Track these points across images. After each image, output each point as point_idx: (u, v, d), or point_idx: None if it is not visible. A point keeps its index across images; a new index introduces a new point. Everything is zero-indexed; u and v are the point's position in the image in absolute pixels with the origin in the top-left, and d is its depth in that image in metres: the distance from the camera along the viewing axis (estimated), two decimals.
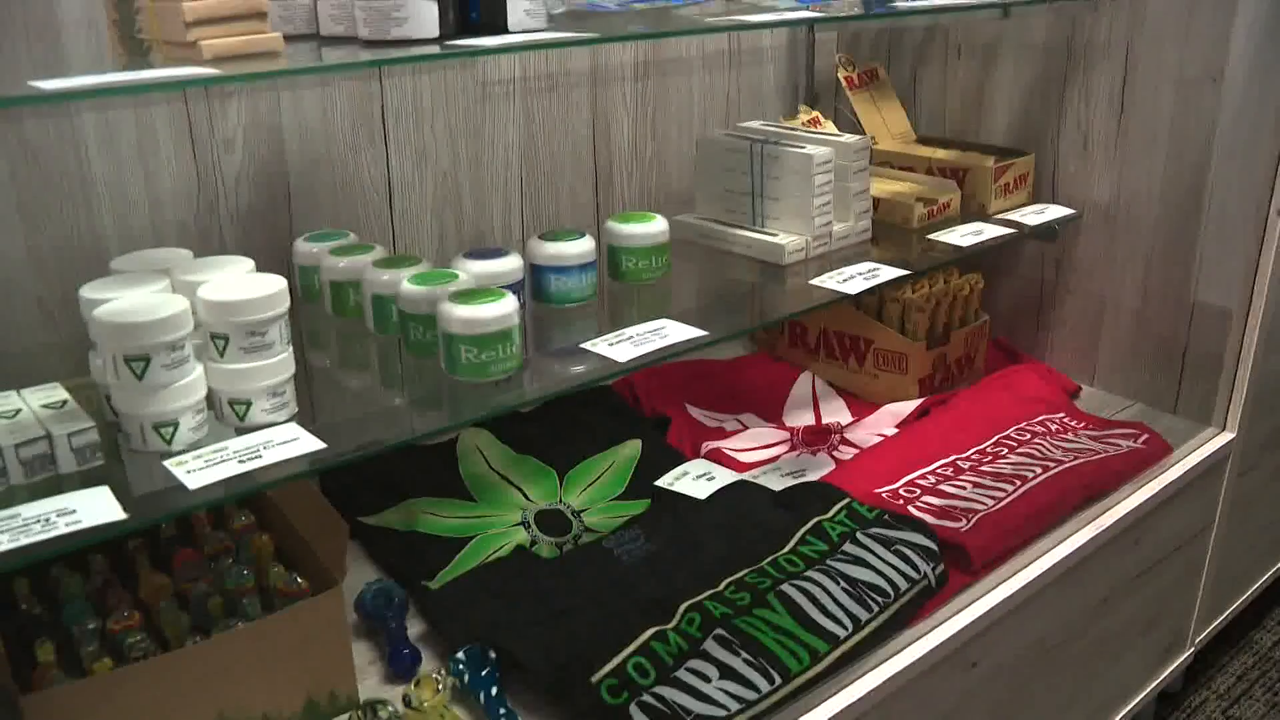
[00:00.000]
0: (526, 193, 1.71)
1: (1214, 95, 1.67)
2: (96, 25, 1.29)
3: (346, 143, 1.52)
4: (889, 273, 1.45)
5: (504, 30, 1.13)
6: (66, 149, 1.32)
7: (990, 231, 1.67)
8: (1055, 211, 1.82)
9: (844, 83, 1.92)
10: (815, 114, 1.86)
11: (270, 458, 0.99)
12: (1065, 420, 1.75)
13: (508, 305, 1.13)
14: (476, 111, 1.63)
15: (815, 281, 1.42)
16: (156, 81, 0.89)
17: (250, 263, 1.18)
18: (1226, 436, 1.80)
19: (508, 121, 1.66)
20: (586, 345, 1.20)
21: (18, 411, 1.06)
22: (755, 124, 1.70)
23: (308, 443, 1.02)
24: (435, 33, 1.10)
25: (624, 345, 1.19)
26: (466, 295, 1.14)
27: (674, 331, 1.23)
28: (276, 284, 1.08)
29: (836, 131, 1.81)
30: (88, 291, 1.09)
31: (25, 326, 1.34)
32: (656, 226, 1.39)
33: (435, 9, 1.09)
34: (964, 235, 1.64)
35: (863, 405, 1.81)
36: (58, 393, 1.12)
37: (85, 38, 1.29)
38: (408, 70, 1.55)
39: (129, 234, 1.38)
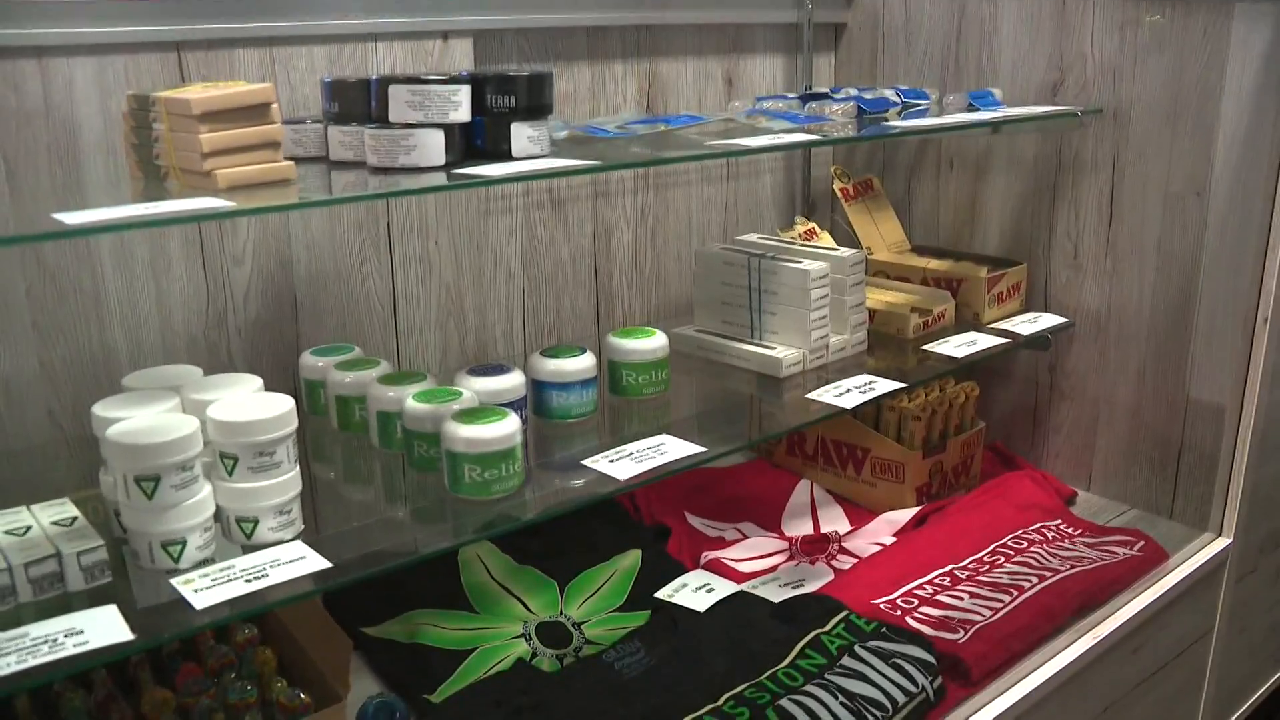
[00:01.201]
0: (528, 304, 1.75)
1: (1199, 209, 1.72)
2: (115, 150, 1.34)
3: (353, 257, 1.56)
4: (885, 385, 1.48)
5: (508, 156, 1.17)
6: (82, 267, 1.35)
7: (984, 342, 1.71)
8: (1048, 320, 1.85)
9: (839, 194, 1.96)
10: (811, 225, 1.90)
11: (277, 577, 1.01)
12: (1061, 527, 1.76)
13: (510, 425, 1.15)
14: (479, 225, 1.67)
15: (812, 395, 1.45)
16: (175, 216, 0.92)
17: (259, 381, 1.20)
18: (1223, 541, 1.82)
19: (510, 234, 1.70)
20: (587, 462, 1.23)
21: (28, 529, 1.08)
22: (753, 237, 1.74)
23: (314, 562, 1.03)
24: (442, 160, 1.14)
25: (624, 462, 1.21)
26: (470, 414, 1.17)
27: (673, 448, 1.25)
28: (284, 404, 1.10)
29: (832, 244, 1.86)
30: (100, 410, 1.12)
31: (36, 437, 1.36)
32: (656, 342, 1.42)
33: (442, 137, 1.13)
34: (958, 346, 1.67)
35: (861, 513, 1.82)
36: (67, 509, 1.14)
37: (104, 161, 1.34)
38: None
39: (139, 348, 1.41)
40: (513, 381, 1.28)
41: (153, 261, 1.40)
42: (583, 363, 1.34)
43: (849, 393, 1.45)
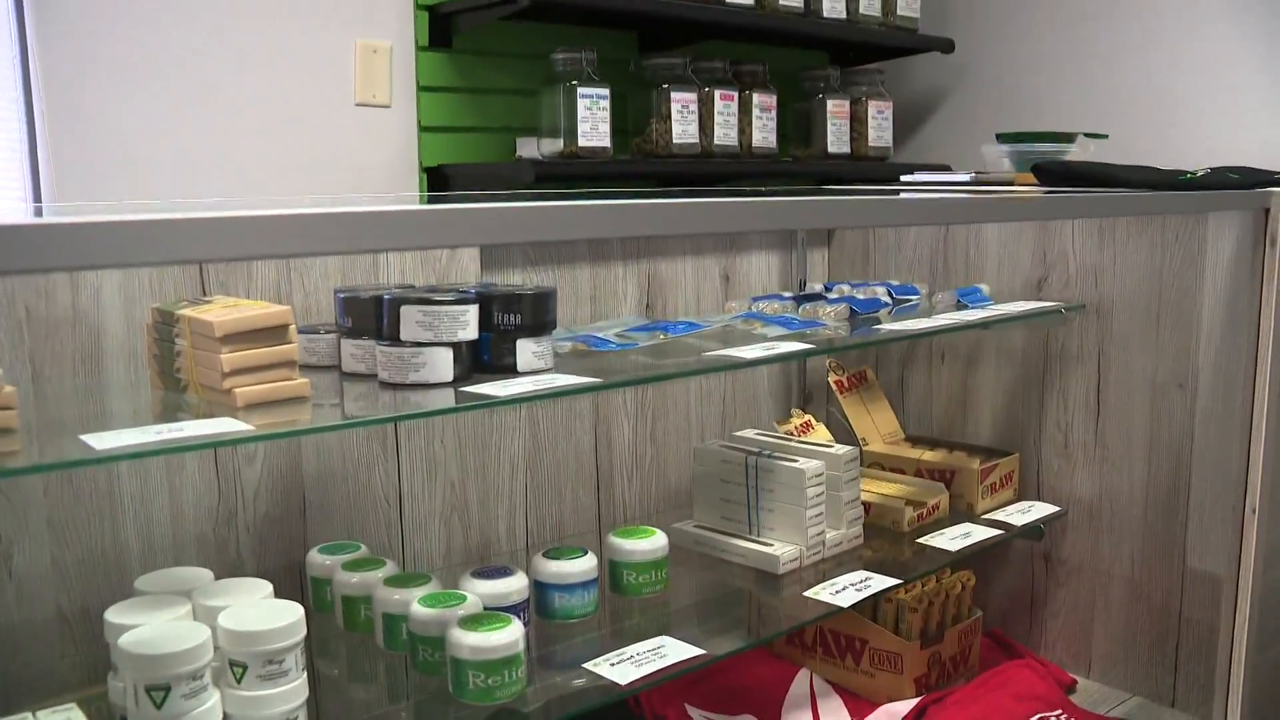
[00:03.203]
0: (530, 499, 1.78)
1: (1183, 400, 1.77)
2: (137, 354, 1.39)
3: (360, 455, 1.60)
4: (881, 582, 1.51)
5: (513, 370, 1.23)
6: (98, 468, 1.39)
7: (979, 533, 1.74)
8: (1041, 509, 1.89)
9: (834, 387, 2.02)
10: (808, 418, 1.95)
11: None
12: (1062, 718, 1.76)
13: (514, 632, 1.18)
14: (484, 423, 1.72)
15: (809, 594, 1.47)
16: (197, 441, 0.97)
17: (268, 587, 1.23)
18: None
19: (513, 432, 1.75)
20: (589, 665, 1.25)
21: None
22: (750, 433, 1.79)
23: None
24: (450, 376, 1.19)
25: (625, 665, 1.24)
26: (474, 621, 1.19)
27: (673, 650, 1.28)
28: (294, 613, 1.13)
29: (829, 437, 1.91)
30: (113, 616, 1.15)
31: (44, 635, 1.38)
32: (656, 542, 1.46)
33: (451, 355, 1.19)
34: (953, 538, 1.71)
35: (860, 704, 1.82)
36: (74, 715, 1.15)
37: (126, 366, 1.39)
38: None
39: (151, 547, 1.44)
40: (516, 585, 1.31)
41: (167, 460, 1.44)
42: (584, 564, 1.38)
43: (845, 590, 1.48)
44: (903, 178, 2.36)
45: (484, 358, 1.23)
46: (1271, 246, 1.67)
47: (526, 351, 1.23)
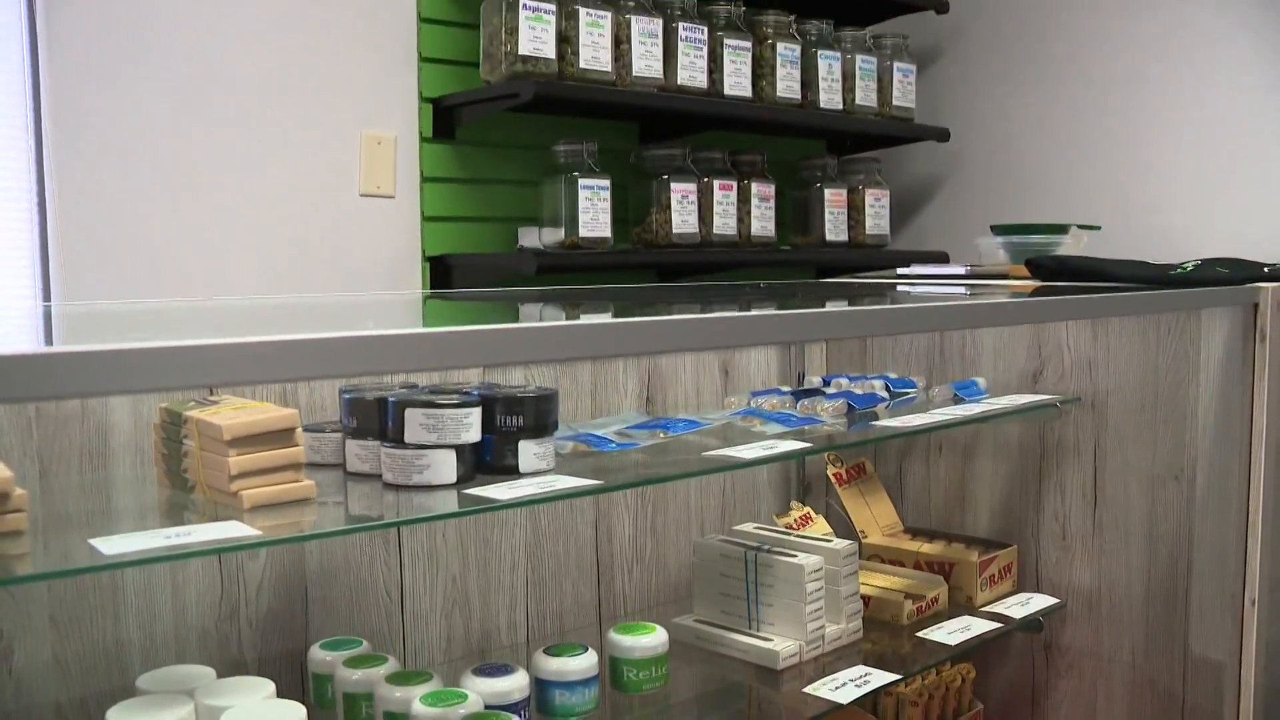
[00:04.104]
0: (531, 592, 1.79)
1: (1179, 492, 1.79)
2: (143, 449, 1.41)
3: (363, 551, 1.61)
4: (880, 678, 1.51)
5: (515, 472, 1.25)
6: None
7: (978, 627, 1.75)
8: (1040, 601, 1.89)
9: (833, 479, 2.03)
10: (807, 510, 1.96)
11: None
12: None
13: None
14: (485, 518, 1.72)
15: (809, 689, 1.48)
16: (206, 548, 0.99)
17: (271, 686, 1.24)
18: None
19: (514, 525, 1.76)
20: None
21: None
22: (749, 527, 1.80)
23: None
24: (453, 478, 1.21)
25: None
26: None
27: None
28: (296, 714, 1.14)
29: (828, 529, 1.92)
30: (115, 717, 1.15)
31: None
32: (657, 639, 1.47)
33: (454, 457, 1.21)
34: (952, 632, 1.71)
35: None
36: None
37: (132, 461, 1.41)
38: None
39: (153, 642, 1.45)
40: (517, 683, 1.32)
41: None
42: (585, 662, 1.39)
43: (844, 686, 1.48)
44: (899, 270, 2.39)
45: (486, 459, 1.25)
46: (1261, 341, 1.70)
47: (528, 453, 1.24)
